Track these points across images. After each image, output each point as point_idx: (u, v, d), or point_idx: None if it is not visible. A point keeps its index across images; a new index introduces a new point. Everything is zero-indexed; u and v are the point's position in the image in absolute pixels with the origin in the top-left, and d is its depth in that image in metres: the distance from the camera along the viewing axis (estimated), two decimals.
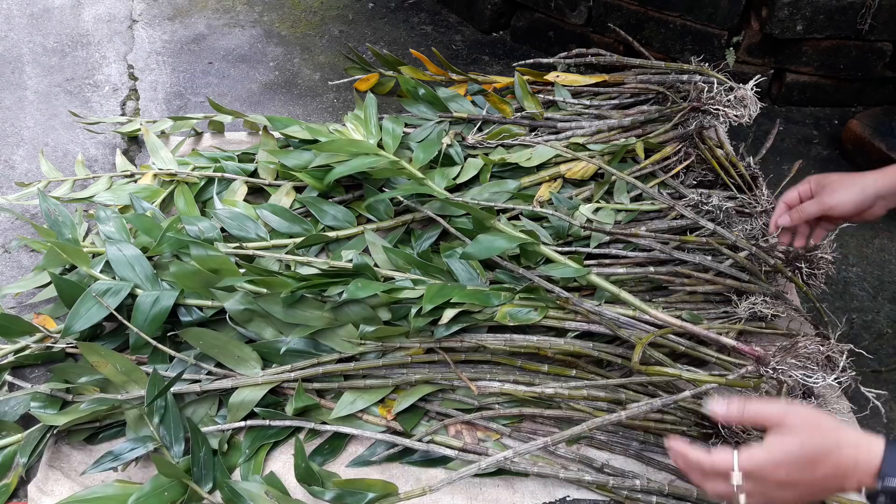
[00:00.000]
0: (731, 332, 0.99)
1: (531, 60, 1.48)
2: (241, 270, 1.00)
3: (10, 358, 0.99)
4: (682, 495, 0.85)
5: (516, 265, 1.04)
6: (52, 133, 1.47)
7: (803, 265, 1.01)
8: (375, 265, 1.04)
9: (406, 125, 1.33)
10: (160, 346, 0.95)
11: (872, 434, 0.60)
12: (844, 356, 0.96)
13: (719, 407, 0.65)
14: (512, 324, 0.95)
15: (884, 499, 0.58)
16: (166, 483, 0.83)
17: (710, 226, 1.07)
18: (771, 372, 0.81)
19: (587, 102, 1.38)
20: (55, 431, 0.91)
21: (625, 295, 0.93)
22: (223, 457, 0.89)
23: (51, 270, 1.03)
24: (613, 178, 1.19)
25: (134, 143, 1.44)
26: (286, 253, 1.07)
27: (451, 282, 1.01)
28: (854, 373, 0.98)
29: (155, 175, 1.25)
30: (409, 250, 1.08)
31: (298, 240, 1.10)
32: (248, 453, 0.90)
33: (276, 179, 1.24)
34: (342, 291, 0.94)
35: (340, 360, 0.96)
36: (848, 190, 0.87)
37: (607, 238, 1.10)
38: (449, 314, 0.94)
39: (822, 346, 0.83)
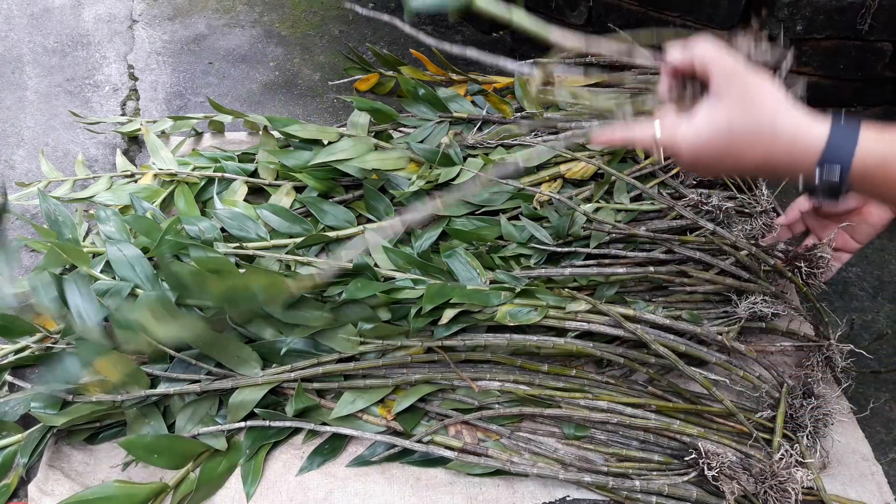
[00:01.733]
0: (731, 331, 0.99)
1: (531, 60, 1.48)
2: (242, 271, 1.00)
3: (11, 358, 0.99)
4: (681, 496, 0.85)
5: (516, 265, 1.05)
6: (53, 133, 1.47)
7: (803, 265, 1.01)
8: (375, 265, 1.04)
9: (406, 126, 1.33)
10: (160, 345, 0.95)
11: (816, 116, 0.51)
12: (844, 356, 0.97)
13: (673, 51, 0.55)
14: (512, 324, 0.95)
15: (822, 194, 0.51)
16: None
17: (710, 226, 1.07)
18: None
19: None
20: (55, 431, 0.91)
21: None
22: (224, 456, 0.90)
23: (51, 270, 1.03)
24: (613, 178, 1.19)
25: (134, 143, 1.44)
26: (286, 253, 1.07)
27: (451, 282, 1.01)
28: (854, 373, 0.99)
29: (155, 175, 1.26)
30: (409, 250, 1.08)
31: (298, 240, 1.10)
32: (248, 453, 0.90)
33: (276, 179, 1.24)
34: (342, 292, 0.94)
35: (340, 360, 0.97)
36: None
37: (607, 238, 1.10)
38: (449, 314, 0.94)
39: None
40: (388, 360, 0.95)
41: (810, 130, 0.50)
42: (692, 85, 0.53)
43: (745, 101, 0.50)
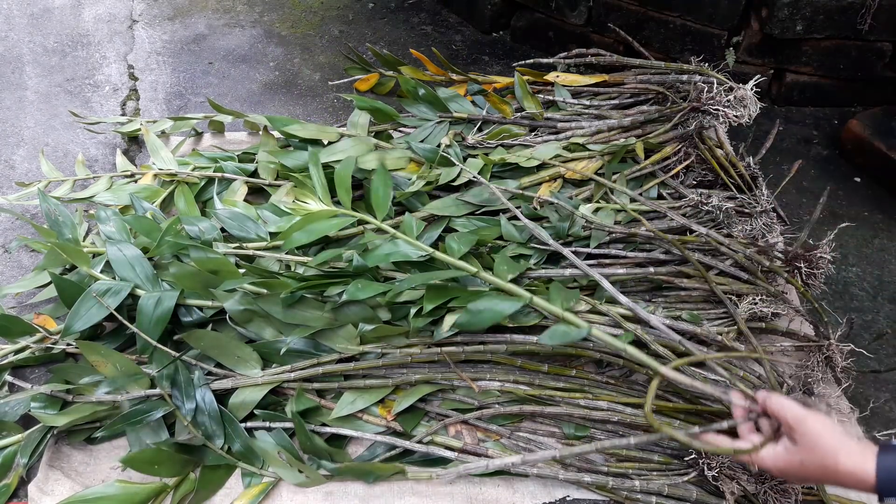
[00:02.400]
0: (731, 332, 0.99)
1: (531, 60, 1.48)
2: (241, 271, 1.00)
3: (11, 358, 0.99)
4: (681, 496, 0.85)
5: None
6: (53, 133, 1.47)
7: (802, 265, 1.01)
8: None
9: (406, 126, 1.33)
10: (162, 346, 0.94)
11: (868, 454, 0.63)
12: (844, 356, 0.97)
13: (739, 399, 0.73)
14: (512, 324, 0.94)
15: None
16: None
17: (703, 230, 1.07)
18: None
19: (587, 102, 1.38)
20: (55, 432, 0.91)
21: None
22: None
23: (51, 270, 1.03)
24: (613, 177, 1.19)
25: (134, 143, 1.44)
26: (286, 253, 1.07)
27: (451, 282, 1.00)
28: (854, 373, 0.99)
29: (155, 175, 1.25)
30: None
31: None
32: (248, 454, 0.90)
33: (276, 179, 1.24)
34: (342, 292, 0.94)
35: (340, 361, 0.96)
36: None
37: (607, 238, 1.10)
38: (449, 321, 0.93)
39: None
40: (388, 361, 0.95)
41: (865, 471, 0.64)
42: (768, 421, 0.70)
43: (813, 449, 0.66)
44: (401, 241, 0.99)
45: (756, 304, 1.00)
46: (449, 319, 0.93)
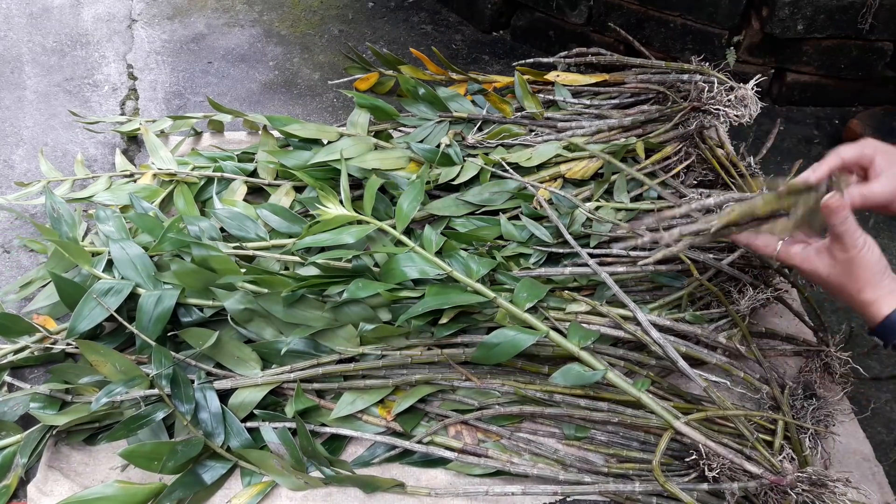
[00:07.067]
0: (735, 336, 0.99)
1: (531, 60, 1.48)
2: (242, 270, 1.00)
3: (10, 358, 0.99)
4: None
5: (515, 265, 1.04)
6: (52, 133, 1.47)
7: None
8: (375, 265, 1.03)
9: (406, 125, 1.32)
10: (161, 346, 0.94)
11: (891, 299, 0.66)
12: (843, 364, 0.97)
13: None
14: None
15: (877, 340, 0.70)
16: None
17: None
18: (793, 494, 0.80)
19: (587, 102, 1.37)
20: (55, 432, 0.91)
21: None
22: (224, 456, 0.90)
23: (51, 270, 1.03)
24: (613, 177, 1.19)
25: (133, 143, 1.44)
26: (285, 253, 1.06)
27: (451, 282, 1.00)
28: (853, 379, 0.99)
29: (154, 175, 1.25)
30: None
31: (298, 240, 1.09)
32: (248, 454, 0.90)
33: (275, 179, 1.24)
34: (342, 291, 0.94)
35: (340, 361, 0.96)
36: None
37: (607, 238, 1.09)
38: (449, 313, 0.93)
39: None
40: (388, 362, 0.95)
41: (878, 311, 0.67)
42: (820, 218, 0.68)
43: (847, 272, 0.68)
44: (417, 256, 0.98)
45: (758, 298, 0.99)
46: (449, 312, 0.93)
